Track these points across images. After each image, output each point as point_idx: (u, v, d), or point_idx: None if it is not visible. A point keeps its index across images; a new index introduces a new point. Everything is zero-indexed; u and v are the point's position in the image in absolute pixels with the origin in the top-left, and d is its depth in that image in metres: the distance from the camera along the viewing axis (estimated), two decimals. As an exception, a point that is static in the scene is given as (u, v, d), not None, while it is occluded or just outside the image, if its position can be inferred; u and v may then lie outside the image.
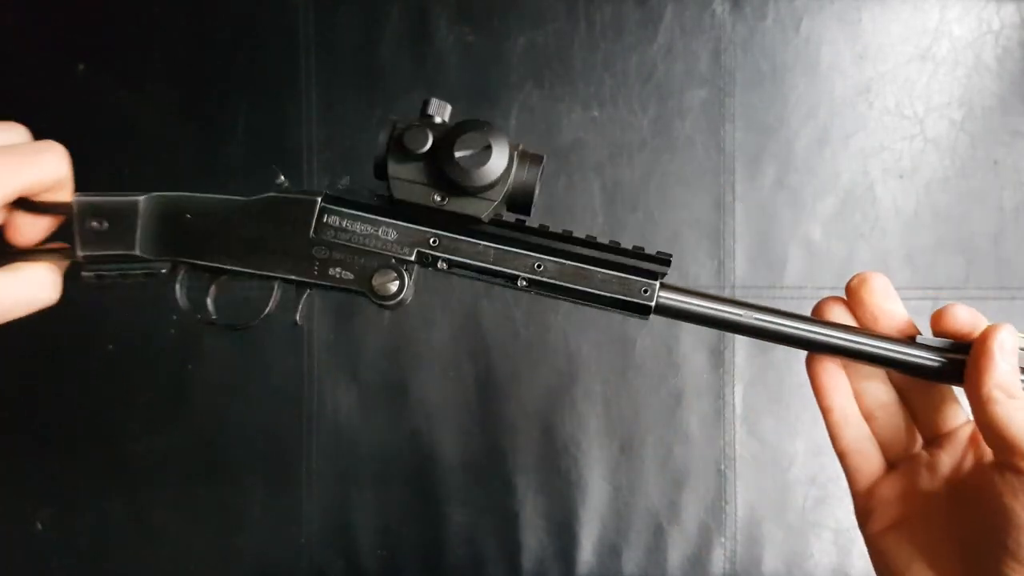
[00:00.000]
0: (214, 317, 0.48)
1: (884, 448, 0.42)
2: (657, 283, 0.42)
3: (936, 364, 0.40)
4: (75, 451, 0.87)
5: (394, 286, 0.43)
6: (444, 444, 0.87)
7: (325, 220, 0.44)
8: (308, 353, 0.87)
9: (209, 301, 0.47)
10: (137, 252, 0.44)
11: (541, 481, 0.87)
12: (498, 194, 0.42)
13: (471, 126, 0.41)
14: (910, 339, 0.40)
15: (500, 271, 0.43)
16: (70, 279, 0.46)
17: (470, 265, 0.43)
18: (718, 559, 0.88)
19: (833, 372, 0.42)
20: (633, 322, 0.88)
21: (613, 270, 0.43)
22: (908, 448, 0.42)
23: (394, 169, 0.43)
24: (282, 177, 0.47)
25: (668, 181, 0.89)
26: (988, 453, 0.39)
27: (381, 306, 0.44)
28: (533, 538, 0.87)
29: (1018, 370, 0.37)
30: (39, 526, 0.86)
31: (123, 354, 0.87)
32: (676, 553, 0.88)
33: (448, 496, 0.87)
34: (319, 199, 0.44)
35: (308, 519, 0.86)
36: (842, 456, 0.42)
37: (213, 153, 0.87)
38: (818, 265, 0.89)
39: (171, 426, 0.87)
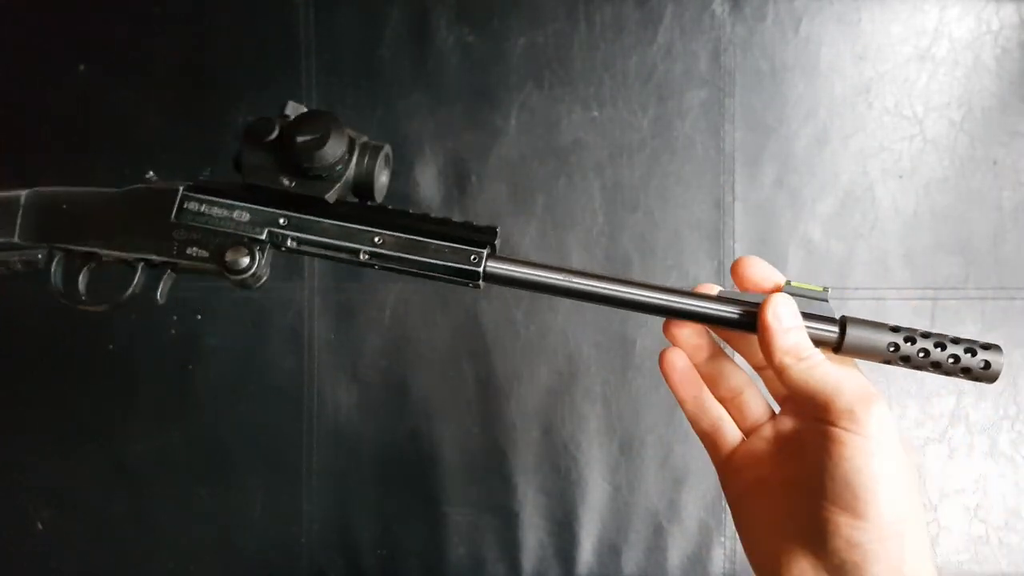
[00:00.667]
0: (84, 298, 0.53)
1: (739, 423, 0.46)
2: (485, 251, 0.46)
3: (736, 316, 0.43)
4: (75, 451, 0.87)
5: (245, 261, 0.47)
6: (444, 444, 0.87)
7: (185, 206, 0.48)
8: (308, 353, 0.87)
9: (81, 284, 0.52)
10: (16, 240, 0.49)
11: (541, 481, 0.88)
12: (339, 176, 0.46)
13: (312, 115, 0.46)
14: (716, 296, 0.44)
15: (343, 246, 0.47)
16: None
17: (316, 242, 0.47)
18: (718, 559, 0.88)
19: (684, 368, 0.45)
20: (633, 322, 0.88)
21: (446, 240, 0.47)
22: (759, 419, 0.45)
23: (246, 157, 0.47)
24: (151, 173, 0.51)
25: (668, 181, 0.89)
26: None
27: (237, 283, 0.47)
28: (533, 538, 0.87)
29: (802, 328, 0.41)
30: (39, 526, 0.86)
31: (123, 354, 0.87)
32: (676, 553, 0.88)
33: (448, 496, 0.87)
34: (181, 188, 0.49)
35: (308, 519, 0.86)
36: (702, 436, 0.47)
37: (213, 153, 0.87)
38: (818, 265, 0.89)
39: (171, 426, 0.87)
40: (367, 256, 0.47)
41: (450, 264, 0.47)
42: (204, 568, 0.87)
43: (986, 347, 0.41)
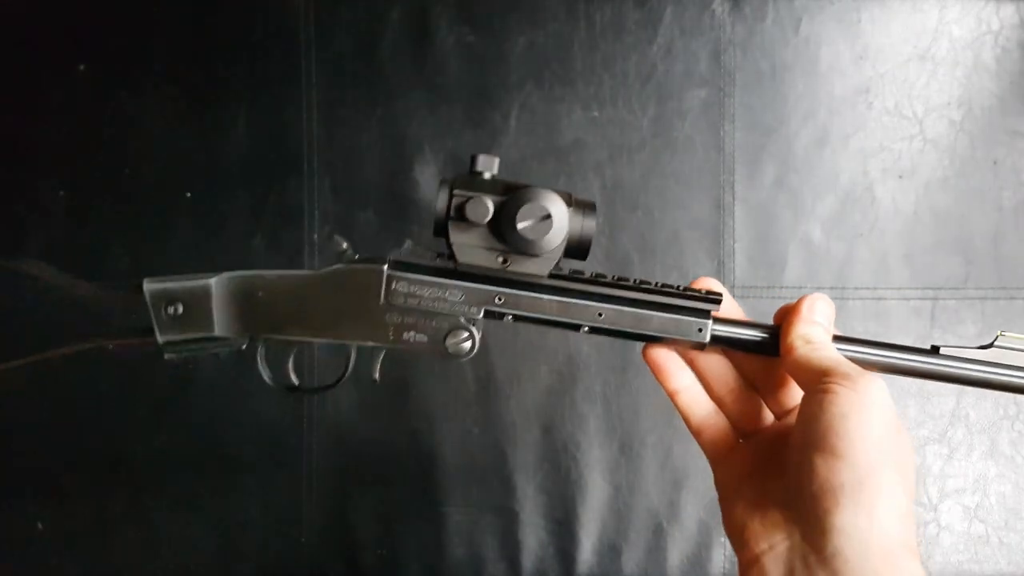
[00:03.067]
0: (296, 383, 0.50)
1: (735, 424, 0.46)
2: (709, 322, 0.45)
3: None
4: (75, 451, 0.87)
5: (467, 345, 0.45)
6: (444, 444, 0.87)
7: (394, 287, 0.45)
8: (308, 353, 0.87)
9: (290, 369, 0.49)
10: (216, 333, 0.46)
11: (541, 481, 0.88)
12: (558, 253, 0.44)
13: (527, 196, 0.43)
14: (747, 322, 0.46)
15: (564, 322, 0.45)
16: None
17: (535, 319, 0.45)
18: (718, 559, 0.88)
19: (669, 356, 0.46)
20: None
21: (668, 312, 0.45)
22: (757, 422, 0.46)
23: (456, 236, 0.44)
24: (345, 244, 0.47)
25: (668, 181, 0.89)
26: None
27: (453, 361, 0.47)
28: (533, 538, 0.87)
29: (823, 326, 0.43)
30: (39, 526, 0.86)
31: (123, 354, 0.87)
32: (676, 553, 0.88)
33: (448, 496, 0.87)
34: (385, 267, 0.45)
35: (308, 519, 0.86)
36: (696, 434, 0.47)
37: (213, 153, 0.87)
38: (818, 265, 0.89)
39: (171, 426, 0.87)
40: (587, 330, 0.46)
41: (676, 338, 0.45)
42: (204, 568, 0.87)
43: None
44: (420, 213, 0.87)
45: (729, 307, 0.46)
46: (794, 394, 0.46)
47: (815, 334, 0.43)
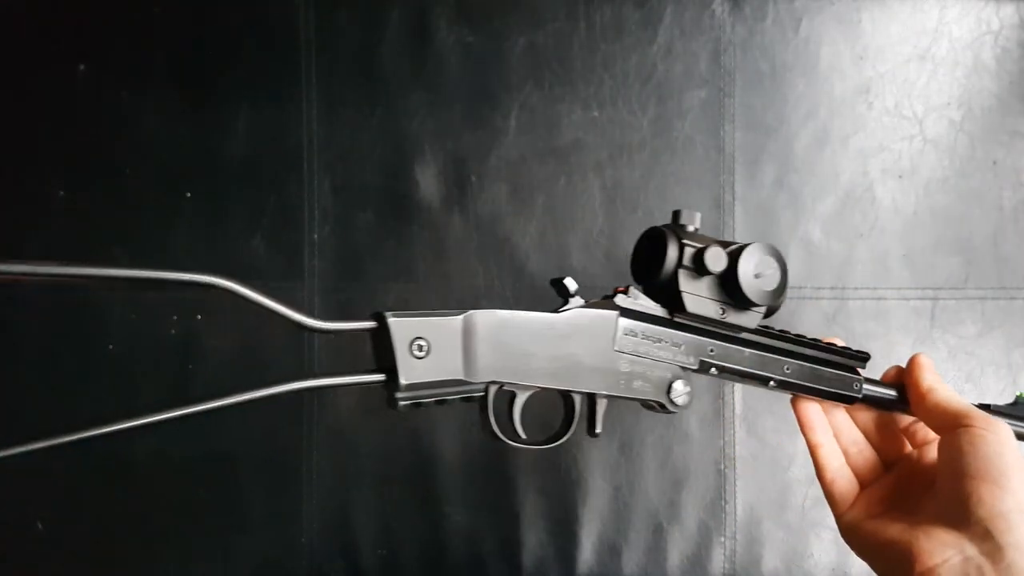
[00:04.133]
0: (523, 436, 0.48)
1: (857, 475, 0.53)
2: (863, 378, 0.51)
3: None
4: (75, 451, 0.86)
5: (687, 395, 0.47)
6: (444, 444, 0.87)
7: (622, 332, 0.46)
8: (308, 353, 0.87)
9: (517, 420, 0.47)
10: (463, 377, 0.43)
11: (541, 481, 0.87)
12: (768, 307, 0.47)
13: (764, 250, 0.45)
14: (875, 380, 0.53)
15: (759, 375, 0.49)
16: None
17: (737, 371, 0.48)
18: (718, 558, 0.88)
19: (815, 411, 0.53)
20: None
21: (836, 369, 0.51)
22: (876, 472, 0.54)
23: (686, 284, 0.45)
24: (575, 286, 0.46)
25: (668, 181, 0.89)
26: (929, 456, 0.52)
27: (666, 412, 0.47)
28: (533, 538, 0.87)
29: (936, 373, 0.51)
30: (39, 526, 0.86)
31: (123, 354, 0.87)
32: (676, 553, 0.88)
33: (448, 496, 0.87)
34: (617, 312, 0.46)
35: (308, 519, 0.86)
36: (829, 484, 0.53)
37: (213, 153, 0.87)
38: (818, 265, 0.89)
39: (171, 426, 0.86)
40: (774, 384, 0.49)
41: (838, 392, 0.51)
42: (204, 568, 0.87)
43: None
44: (420, 213, 0.87)
45: None
46: (901, 447, 0.54)
47: (940, 382, 0.51)
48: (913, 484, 0.51)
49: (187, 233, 0.87)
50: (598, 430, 0.48)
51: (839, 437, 0.54)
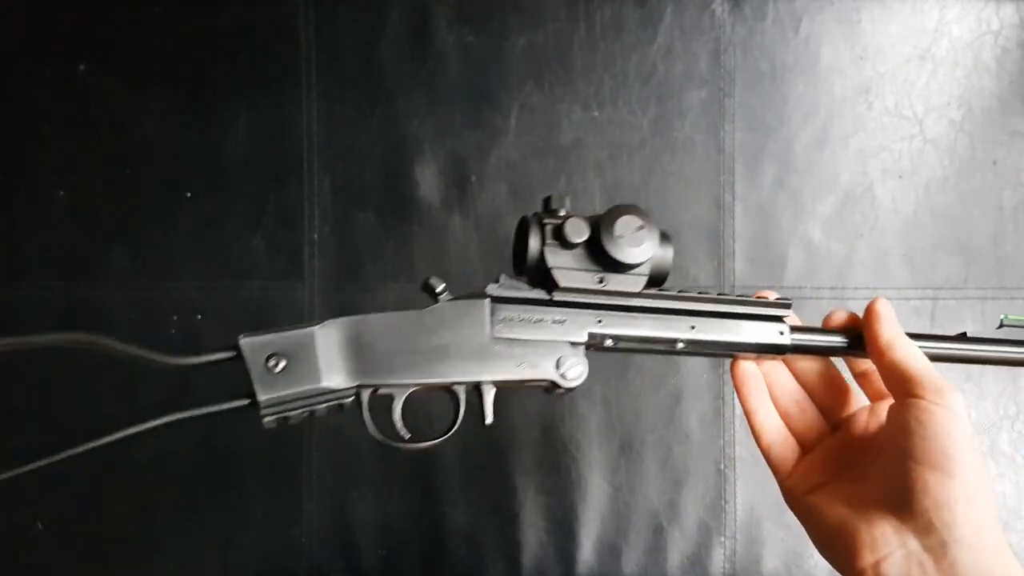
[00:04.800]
0: (407, 436, 0.48)
1: (799, 438, 0.50)
2: (787, 326, 0.48)
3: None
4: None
5: (579, 370, 0.46)
6: (444, 444, 0.87)
7: (500, 318, 0.46)
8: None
9: (397, 421, 0.47)
10: (323, 385, 0.44)
11: (541, 481, 0.87)
12: (647, 268, 0.46)
13: (624, 210, 0.45)
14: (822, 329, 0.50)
15: (661, 337, 0.47)
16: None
17: (633, 337, 0.47)
18: (718, 559, 0.88)
19: (750, 374, 0.50)
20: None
21: (755, 320, 0.48)
22: (819, 434, 0.50)
23: (554, 260, 0.45)
24: (443, 285, 0.46)
25: (668, 181, 0.89)
26: (883, 414, 0.46)
27: (563, 392, 0.46)
28: (533, 538, 0.87)
29: (898, 324, 0.47)
30: (39, 526, 0.86)
31: (126, 363, 0.86)
32: (676, 553, 0.88)
33: (448, 496, 0.87)
34: (487, 300, 0.46)
35: (308, 519, 0.86)
36: (766, 450, 0.50)
37: (213, 153, 0.87)
38: (818, 265, 0.89)
39: (171, 426, 0.86)
40: (683, 344, 0.47)
41: (762, 342, 0.48)
42: (204, 568, 0.87)
43: None
44: (420, 213, 0.87)
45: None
46: (848, 405, 0.50)
47: (900, 336, 0.46)
48: (859, 448, 0.48)
49: (187, 233, 0.87)
50: (488, 419, 0.46)
51: (778, 399, 0.51)
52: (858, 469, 0.46)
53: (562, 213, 0.45)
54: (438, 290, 0.46)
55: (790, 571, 0.88)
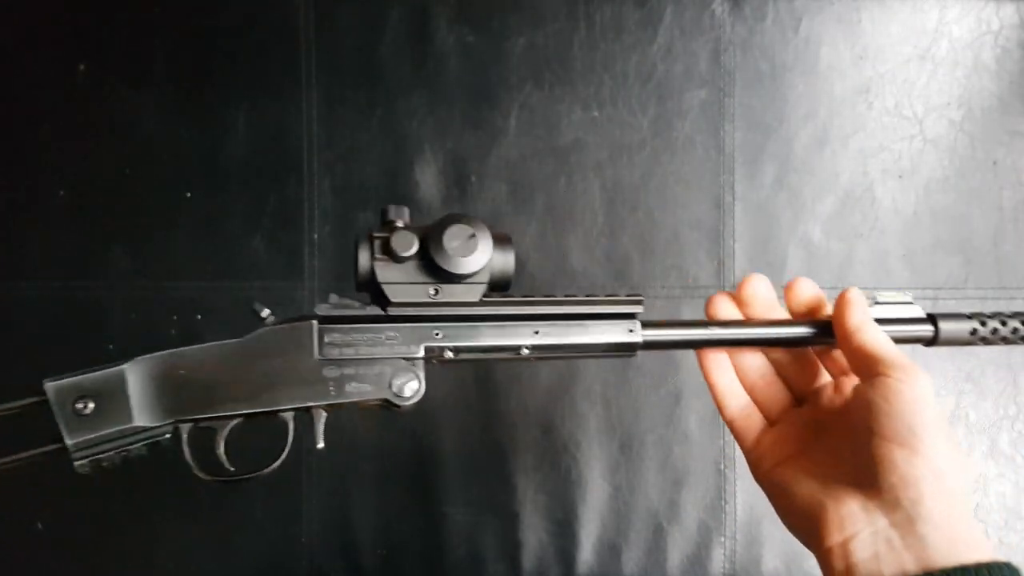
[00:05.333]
0: (232, 470, 0.46)
1: (764, 411, 0.50)
2: (638, 321, 0.47)
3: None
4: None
5: (413, 386, 0.45)
6: (444, 444, 0.87)
7: (327, 339, 0.44)
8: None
9: (221, 454, 0.45)
10: (136, 424, 0.42)
11: (541, 481, 0.88)
12: (485, 276, 0.45)
13: (453, 219, 0.44)
14: (787, 321, 0.49)
15: (503, 345, 0.46)
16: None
17: (474, 347, 0.46)
18: (718, 559, 0.88)
19: (718, 357, 0.50)
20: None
21: (601, 319, 0.47)
22: (784, 407, 0.50)
23: (385, 275, 0.44)
24: (267, 311, 0.45)
25: (668, 181, 0.89)
26: (849, 390, 0.47)
27: (402, 408, 0.45)
28: (533, 538, 0.87)
29: (867, 309, 0.47)
30: (39, 526, 0.86)
31: (123, 354, 0.86)
32: (676, 553, 0.88)
33: (448, 496, 0.87)
34: (315, 321, 0.44)
35: (308, 519, 0.86)
36: (730, 423, 0.50)
37: (213, 153, 0.87)
38: (818, 265, 0.89)
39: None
40: (528, 351, 0.46)
41: (611, 341, 0.47)
42: (204, 568, 0.87)
43: None
44: (420, 213, 0.87)
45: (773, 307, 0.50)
46: (815, 379, 0.50)
47: (869, 322, 0.46)
48: (826, 423, 0.48)
49: (187, 233, 0.87)
50: (319, 444, 0.45)
51: (744, 373, 0.50)
52: (824, 445, 0.46)
53: (399, 225, 0.45)
54: (263, 315, 0.44)
55: (790, 571, 0.88)
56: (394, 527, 0.87)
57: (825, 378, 0.51)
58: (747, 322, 0.49)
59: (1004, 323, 0.49)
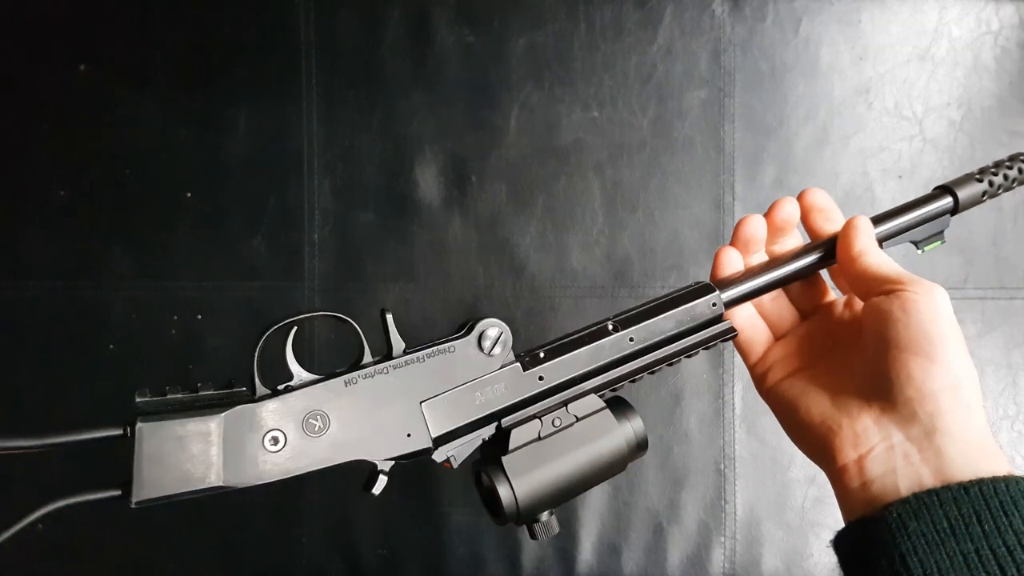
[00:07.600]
0: None
1: (771, 325, 0.49)
2: (717, 292, 0.45)
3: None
4: (74, 450, 0.87)
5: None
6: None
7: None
8: (309, 352, 0.87)
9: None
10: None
11: (541, 481, 0.87)
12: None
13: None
14: (799, 252, 0.48)
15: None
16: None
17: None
18: (718, 558, 0.88)
19: (732, 261, 0.48)
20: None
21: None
22: (792, 322, 0.50)
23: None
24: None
25: (668, 181, 0.89)
26: (859, 307, 0.46)
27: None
28: (533, 538, 0.87)
29: (873, 235, 0.48)
30: (39, 527, 0.86)
31: (123, 354, 0.87)
32: (676, 553, 0.88)
33: (448, 496, 0.87)
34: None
35: (308, 519, 0.86)
36: (735, 338, 0.49)
37: (214, 153, 0.87)
38: (818, 265, 0.89)
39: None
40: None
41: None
42: (204, 568, 0.87)
43: None
44: (420, 213, 0.87)
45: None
46: (820, 296, 0.49)
47: (875, 247, 0.47)
48: (834, 337, 0.46)
49: (187, 233, 0.87)
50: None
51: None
52: (835, 359, 0.45)
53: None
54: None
55: (790, 571, 0.88)
56: (394, 527, 0.87)
57: (832, 296, 0.50)
58: (787, 257, 0.48)
59: (1010, 167, 0.50)
